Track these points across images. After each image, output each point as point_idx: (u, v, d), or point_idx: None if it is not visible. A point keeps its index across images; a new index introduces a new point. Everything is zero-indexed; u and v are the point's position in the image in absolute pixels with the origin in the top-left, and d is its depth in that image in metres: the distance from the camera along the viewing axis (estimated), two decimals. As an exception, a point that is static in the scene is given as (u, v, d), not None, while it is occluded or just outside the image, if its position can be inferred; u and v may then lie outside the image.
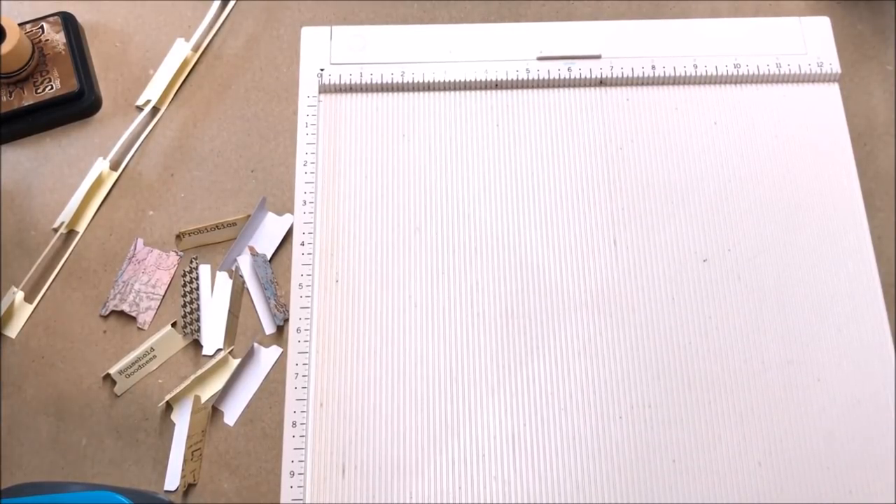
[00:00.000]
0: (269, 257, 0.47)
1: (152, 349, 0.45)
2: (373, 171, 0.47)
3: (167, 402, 0.44)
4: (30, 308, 0.46)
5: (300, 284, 0.45)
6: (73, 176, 0.49)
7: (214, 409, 0.44)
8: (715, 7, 0.52)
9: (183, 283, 0.46)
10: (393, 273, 0.45)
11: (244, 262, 0.47)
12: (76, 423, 0.44)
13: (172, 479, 0.43)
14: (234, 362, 0.45)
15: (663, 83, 0.49)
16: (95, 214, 0.48)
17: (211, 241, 0.48)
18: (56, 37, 0.50)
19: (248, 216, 0.47)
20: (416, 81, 0.49)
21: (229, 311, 0.46)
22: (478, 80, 0.49)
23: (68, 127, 0.50)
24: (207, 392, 0.45)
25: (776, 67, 0.49)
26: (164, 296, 0.46)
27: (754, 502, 0.41)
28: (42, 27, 0.51)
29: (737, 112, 0.49)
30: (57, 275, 0.47)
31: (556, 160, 0.48)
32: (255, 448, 0.44)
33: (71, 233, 0.48)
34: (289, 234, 0.47)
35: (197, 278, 0.47)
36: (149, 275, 0.47)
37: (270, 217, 0.48)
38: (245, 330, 0.46)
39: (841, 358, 0.44)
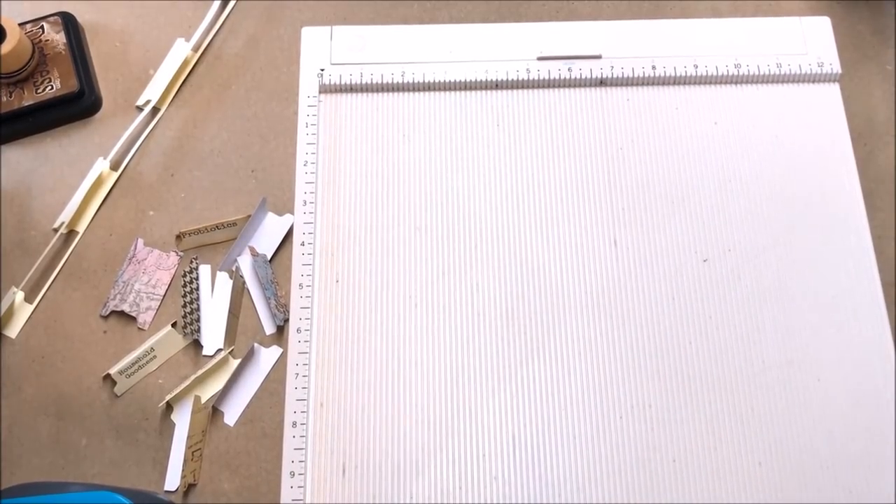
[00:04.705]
0: (269, 257, 0.47)
1: (152, 349, 0.45)
2: (373, 171, 0.47)
3: (167, 402, 0.44)
4: (30, 308, 0.46)
5: (300, 284, 0.45)
6: (73, 176, 0.49)
7: (214, 410, 0.44)
8: (715, 7, 0.52)
9: (183, 283, 0.46)
10: (393, 273, 0.45)
11: (244, 263, 0.47)
12: (76, 423, 0.44)
13: (172, 479, 0.43)
14: (235, 362, 0.45)
15: (663, 83, 0.49)
16: (95, 214, 0.48)
17: (211, 242, 0.48)
18: (56, 37, 0.50)
19: (249, 216, 0.47)
20: (416, 81, 0.49)
21: (229, 312, 0.46)
22: (478, 80, 0.49)
23: (68, 127, 0.50)
24: (207, 392, 0.45)
25: (776, 67, 0.49)
26: (164, 296, 0.46)
27: (754, 502, 0.41)
28: (42, 27, 0.51)
29: (737, 112, 0.49)
30: (57, 275, 0.47)
31: (556, 160, 0.48)
32: (255, 448, 0.44)
33: (71, 233, 0.48)
34: (289, 234, 0.47)
35: (197, 278, 0.47)
36: (149, 275, 0.47)
37: (270, 217, 0.48)
38: (245, 330, 0.46)
39: (841, 358, 0.44)
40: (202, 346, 0.45)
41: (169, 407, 0.44)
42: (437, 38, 0.50)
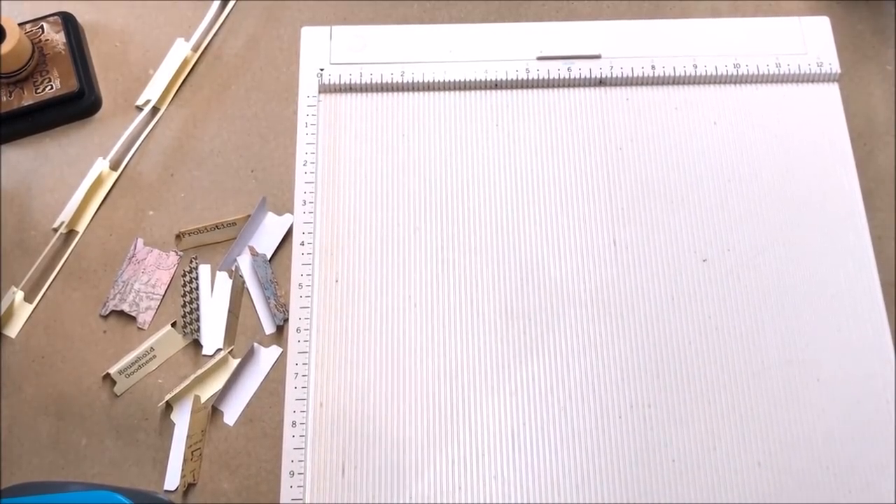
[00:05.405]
0: (268, 257, 0.47)
1: (152, 349, 0.45)
2: (373, 171, 0.48)
3: (167, 401, 0.44)
4: (30, 308, 0.46)
5: (300, 284, 0.45)
6: (73, 176, 0.49)
7: (214, 409, 0.44)
8: (715, 7, 0.52)
9: (183, 282, 0.47)
10: (393, 273, 0.45)
11: (244, 262, 0.47)
12: (76, 423, 0.44)
13: (172, 479, 0.43)
14: (234, 362, 0.45)
15: (663, 83, 0.49)
16: (95, 214, 0.48)
17: (211, 241, 0.48)
18: (56, 37, 0.50)
19: (248, 216, 0.47)
20: (416, 81, 0.49)
21: (229, 311, 0.46)
22: (478, 80, 0.49)
23: (68, 127, 0.50)
24: (207, 392, 0.45)
25: (776, 67, 0.49)
26: (163, 296, 0.47)
27: (754, 502, 0.41)
28: (42, 27, 0.51)
29: (737, 112, 0.49)
30: (57, 275, 0.47)
31: (555, 160, 0.48)
32: (254, 448, 0.44)
33: (71, 233, 0.48)
34: (289, 234, 0.47)
35: (197, 278, 0.47)
36: (149, 275, 0.47)
37: (270, 217, 0.48)
38: (245, 330, 0.46)
39: (841, 358, 0.44)
40: (202, 346, 0.45)
41: (168, 406, 0.44)
42: (437, 38, 0.50)
